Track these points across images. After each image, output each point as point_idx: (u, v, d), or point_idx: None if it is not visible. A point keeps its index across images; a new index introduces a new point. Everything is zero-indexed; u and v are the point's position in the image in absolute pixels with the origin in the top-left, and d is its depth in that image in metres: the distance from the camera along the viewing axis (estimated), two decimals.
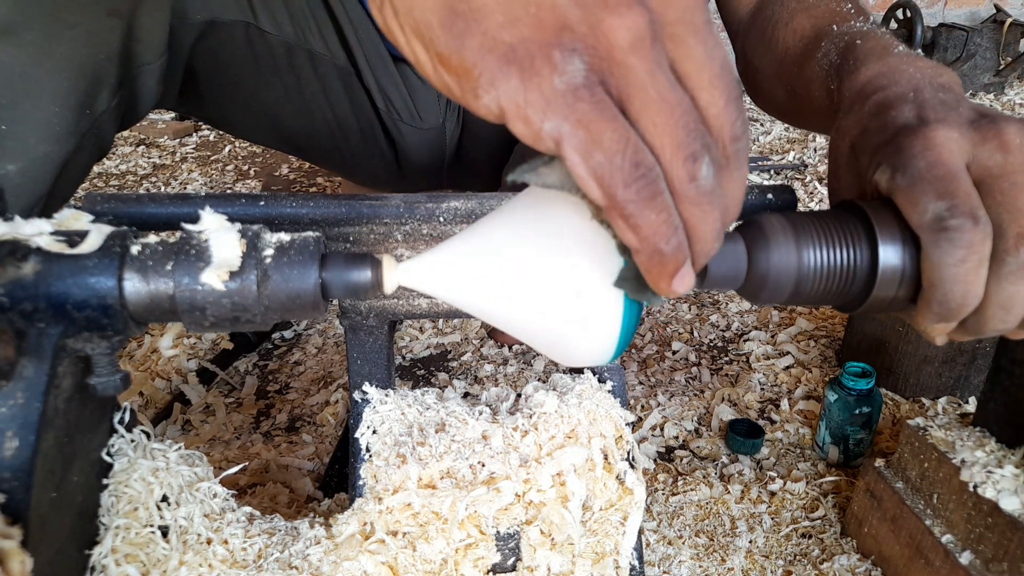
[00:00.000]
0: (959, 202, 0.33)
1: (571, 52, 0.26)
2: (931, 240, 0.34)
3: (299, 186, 1.90)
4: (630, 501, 0.48)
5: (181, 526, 0.43)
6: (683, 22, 0.28)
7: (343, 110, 0.92)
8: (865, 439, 0.83)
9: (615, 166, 0.26)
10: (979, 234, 0.33)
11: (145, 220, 0.45)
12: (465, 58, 0.27)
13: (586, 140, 0.26)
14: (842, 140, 0.43)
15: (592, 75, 0.26)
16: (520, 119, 0.27)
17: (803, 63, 0.54)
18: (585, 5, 0.26)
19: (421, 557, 0.44)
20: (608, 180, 0.27)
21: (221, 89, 0.83)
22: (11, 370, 0.34)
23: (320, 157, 1.04)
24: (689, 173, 0.27)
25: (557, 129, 0.26)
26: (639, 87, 0.27)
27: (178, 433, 0.93)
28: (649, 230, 0.28)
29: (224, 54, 0.78)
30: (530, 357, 1.08)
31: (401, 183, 1.10)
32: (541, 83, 0.26)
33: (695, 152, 0.27)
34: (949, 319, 0.36)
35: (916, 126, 0.37)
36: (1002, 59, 2.32)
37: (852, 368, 0.82)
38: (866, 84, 0.43)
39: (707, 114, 0.28)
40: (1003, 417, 0.60)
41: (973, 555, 0.58)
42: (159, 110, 2.45)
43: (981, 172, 0.35)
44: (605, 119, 0.26)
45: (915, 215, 0.34)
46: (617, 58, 0.26)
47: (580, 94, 0.26)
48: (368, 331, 0.52)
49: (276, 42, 0.81)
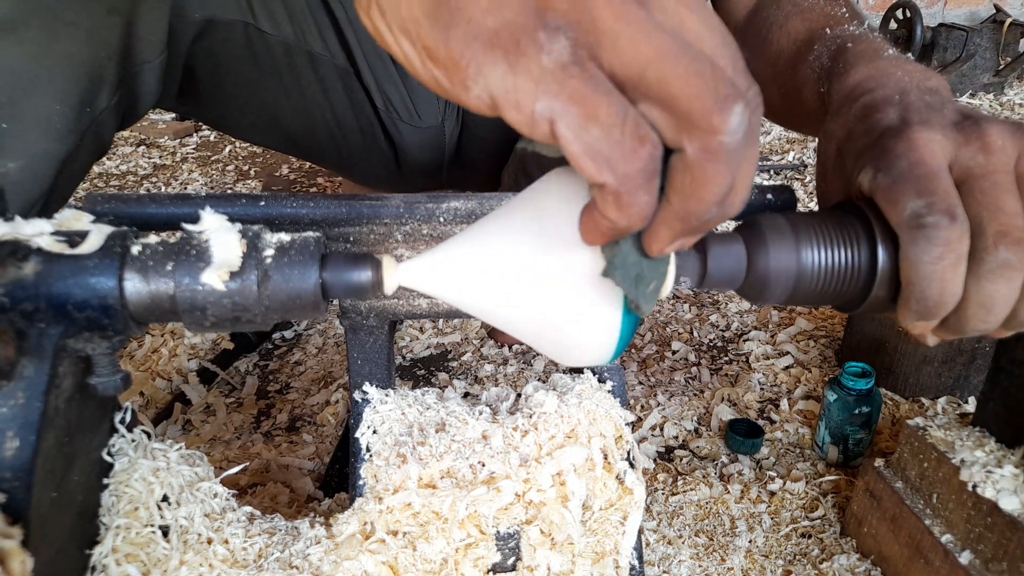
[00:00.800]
0: (937, 199, 0.33)
1: (555, 30, 0.25)
2: (908, 238, 0.34)
3: (299, 186, 1.90)
4: (630, 501, 0.48)
5: (182, 526, 0.43)
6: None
7: (343, 110, 0.92)
8: (864, 439, 0.83)
9: (614, 140, 0.25)
10: (956, 231, 0.33)
11: (146, 220, 0.45)
12: (452, 49, 0.26)
13: (580, 116, 0.25)
14: (829, 143, 0.43)
15: (580, 50, 0.25)
16: (511, 106, 0.26)
17: (796, 65, 0.54)
18: None
19: (421, 557, 0.44)
20: (608, 155, 0.26)
21: (221, 89, 0.83)
22: (12, 370, 0.34)
23: (320, 156, 1.04)
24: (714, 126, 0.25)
25: (549, 108, 0.25)
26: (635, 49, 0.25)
27: (179, 433, 0.93)
28: (635, 210, 0.27)
29: (223, 53, 0.78)
30: (530, 357, 1.08)
31: (401, 183, 1.10)
32: (528, 64, 0.25)
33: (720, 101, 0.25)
34: (928, 317, 0.36)
35: (899, 127, 0.37)
36: (1002, 59, 2.32)
37: (852, 368, 0.82)
38: (854, 87, 0.43)
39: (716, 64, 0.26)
40: (1003, 417, 0.60)
41: (973, 555, 0.58)
42: (159, 111, 2.45)
43: (963, 173, 0.35)
44: (599, 93, 0.25)
45: (894, 213, 0.34)
46: (602, 27, 0.25)
47: (570, 70, 0.25)
48: (368, 331, 0.52)
49: (275, 42, 0.81)
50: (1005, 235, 0.33)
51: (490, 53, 0.26)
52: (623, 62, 0.25)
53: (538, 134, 0.26)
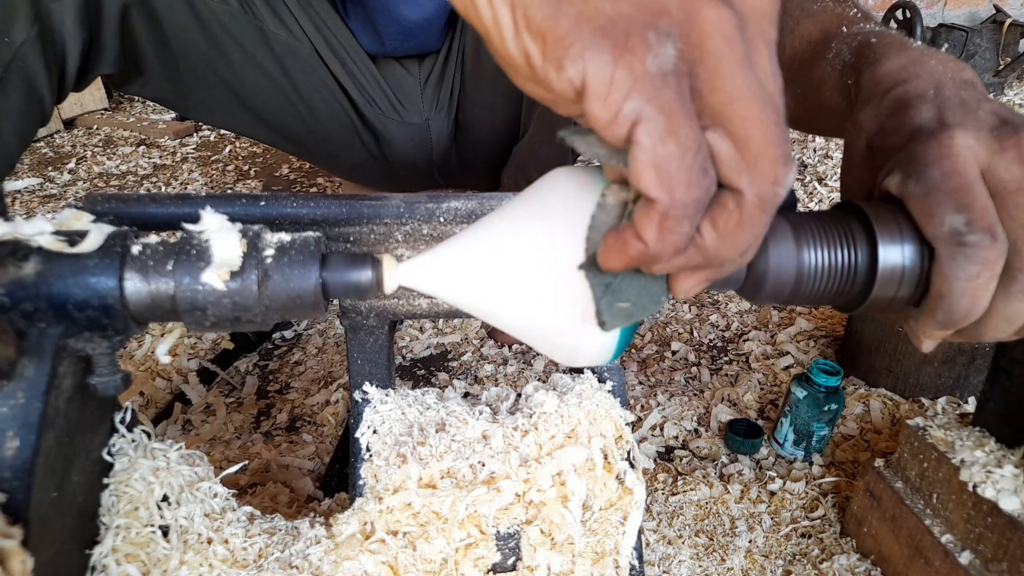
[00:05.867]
0: (977, 217, 0.33)
1: (666, 36, 0.25)
2: (947, 253, 0.33)
3: (299, 186, 1.90)
4: (630, 501, 0.48)
5: (182, 526, 0.43)
6: (759, 31, 0.27)
7: (308, 91, 0.91)
8: (827, 436, 0.84)
9: (684, 164, 0.26)
10: (996, 251, 0.33)
11: (146, 220, 0.45)
12: (559, 24, 0.26)
13: (664, 127, 0.25)
14: (858, 135, 0.42)
15: (682, 64, 0.26)
16: (600, 97, 0.26)
17: (812, 65, 0.53)
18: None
19: (421, 557, 0.44)
20: (672, 175, 0.26)
21: (172, 61, 0.82)
22: (12, 370, 0.34)
23: (298, 142, 1.02)
24: (775, 177, 0.26)
25: (638, 111, 0.25)
26: (732, 81, 0.26)
27: (179, 433, 0.93)
28: (673, 239, 0.27)
29: (166, 20, 0.77)
30: (530, 357, 1.08)
31: (393, 179, 1.10)
32: (633, 61, 0.25)
33: (785, 155, 0.26)
34: (950, 327, 0.35)
35: (933, 130, 0.36)
36: (1001, 59, 2.32)
37: (821, 365, 0.83)
38: (887, 76, 0.42)
39: None
40: (1002, 417, 0.60)
41: (972, 555, 0.58)
42: (159, 111, 2.45)
43: (996, 184, 0.34)
44: (686, 114, 0.26)
45: (931, 226, 0.34)
46: (709, 47, 0.25)
47: (668, 80, 0.25)
48: (368, 331, 0.52)
49: (221, 11, 0.80)
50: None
51: (599, 40, 0.25)
52: (714, 88, 0.26)
53: (614, 131, 0.26)
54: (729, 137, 0.26)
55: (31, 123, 0.64)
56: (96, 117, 2.37)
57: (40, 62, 0.62)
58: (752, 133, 0.26)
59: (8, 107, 0.59)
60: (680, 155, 0.25)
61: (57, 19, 0.64)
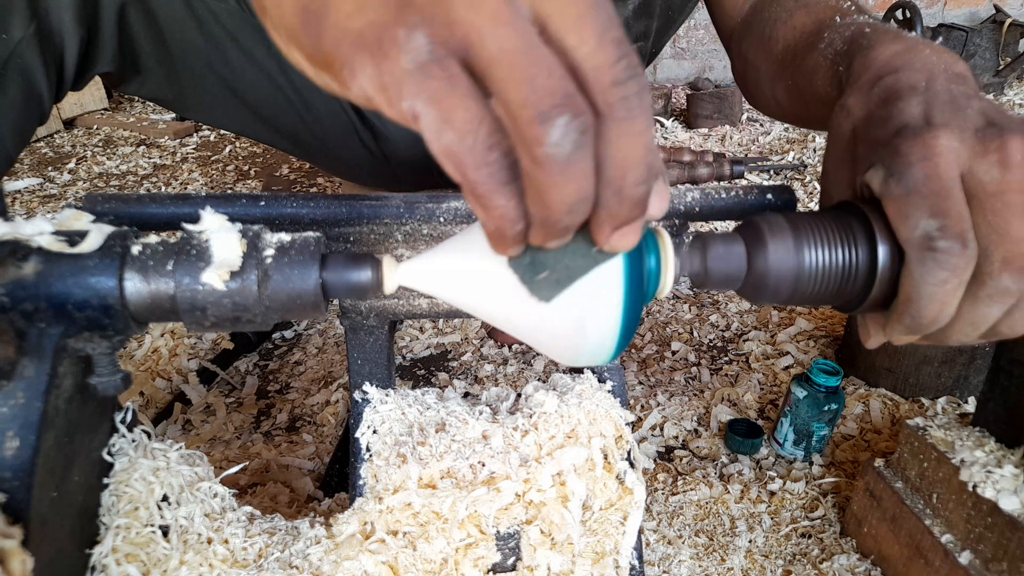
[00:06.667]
0: (950, 223, 0.33)
1: (413, 28, 0.24)
2: (916, 257, 0.33)
3: (299, 186, 1.90)
4: (630, 501, 0.48)
5: (182, 526, 0.43)
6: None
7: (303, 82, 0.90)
8: (827, 436, 0.84)
9: (466, 147, 0.25)
10: (965, 259, 0.33)
11: (146, 220, 0.45)
12: (325, 53, 0.26)
13: (437, 118, 0.25)
14: (845, 119, 0.41)
15: (439, 48, 0.24)
16: (385, 104, 0.26)
17: (805, 54, 0.53)
18: None
19: (421, 557, 0.44)
20: (461, 159, 0.25)
21: (171, 59, 0.81)
22: (12, 370, 0.34)
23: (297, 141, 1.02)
24: (535, 137, 0.24)
25: (412, 108, 0.25)
26: (481, 44, 0.24)
27: (179, 433, 0.93)
28: (496, 213, 0.27)
29: (163, 16, 0.77)
30: (530, 357, 1.08)
31: (393, 178, 1.10)
32: (391, 65, 0.25)
33: (543, 112, 0.24)
34: (917, 332, 0.36)
35: (919, 128, 0.36)
36: (1001, 59, 2.32)
37: (821, 365, 0.83)
38: (879, 63, 0.41)
39: (575, 60, 0.25)
40: (1002, 417, 0.60)
41: (972, 555, 0.58)
42: (159, 111, 2.45)
43: (975, 186, 0.34)
44: (457, 95, 0.24)
45: (904, 229, 0.34)
46: (456, 20, 0.24)
47: (429, 70, 0.24)
48: (368, 331, 0.52)
49: (218, 8, 0.80)
50: (1010, 263, 0.33)
51: (357, 55, 0.26)
52: (474, 56, 0.24)
53: (418, 129, 0.26)
54: (499, 104, 0.25)
55: (29, 121, 0.64)
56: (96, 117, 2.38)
57: (38, 59, 0.62)
58: (510, 96, 0.24)
59: (6, 104, 0.59)
60: (459, 140, 0.25)
61: (55, 16, 0.64)
